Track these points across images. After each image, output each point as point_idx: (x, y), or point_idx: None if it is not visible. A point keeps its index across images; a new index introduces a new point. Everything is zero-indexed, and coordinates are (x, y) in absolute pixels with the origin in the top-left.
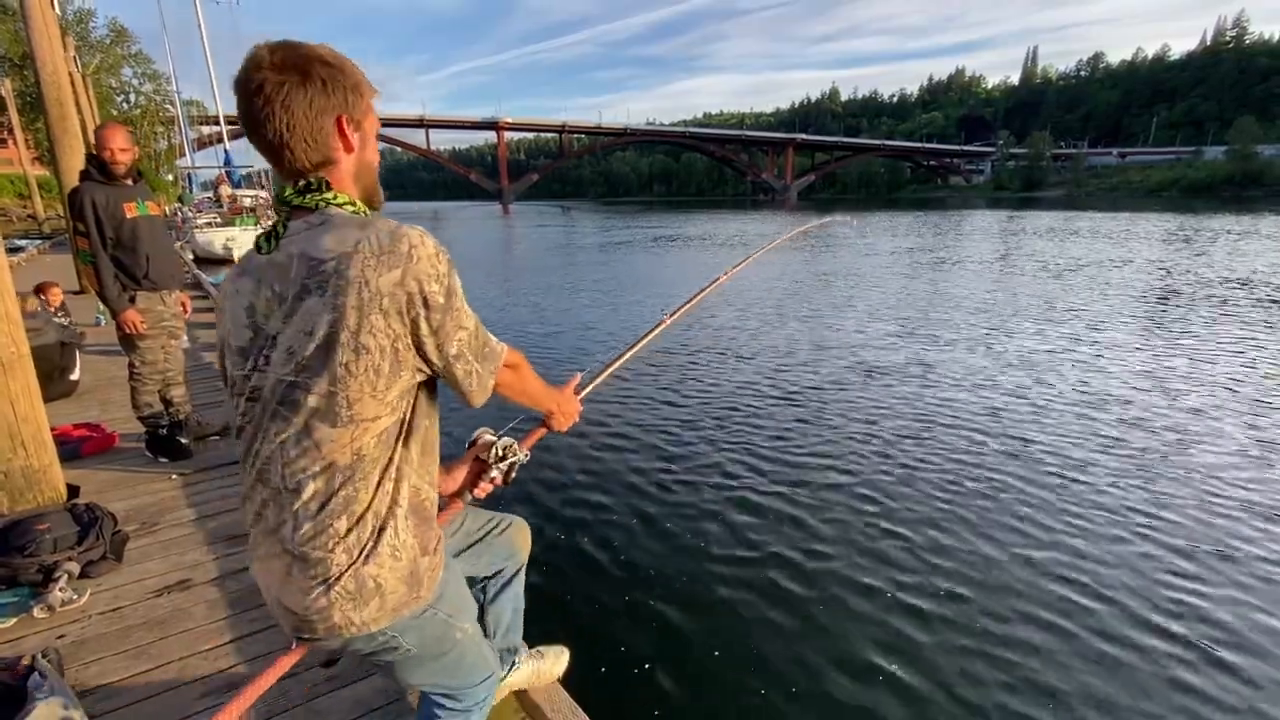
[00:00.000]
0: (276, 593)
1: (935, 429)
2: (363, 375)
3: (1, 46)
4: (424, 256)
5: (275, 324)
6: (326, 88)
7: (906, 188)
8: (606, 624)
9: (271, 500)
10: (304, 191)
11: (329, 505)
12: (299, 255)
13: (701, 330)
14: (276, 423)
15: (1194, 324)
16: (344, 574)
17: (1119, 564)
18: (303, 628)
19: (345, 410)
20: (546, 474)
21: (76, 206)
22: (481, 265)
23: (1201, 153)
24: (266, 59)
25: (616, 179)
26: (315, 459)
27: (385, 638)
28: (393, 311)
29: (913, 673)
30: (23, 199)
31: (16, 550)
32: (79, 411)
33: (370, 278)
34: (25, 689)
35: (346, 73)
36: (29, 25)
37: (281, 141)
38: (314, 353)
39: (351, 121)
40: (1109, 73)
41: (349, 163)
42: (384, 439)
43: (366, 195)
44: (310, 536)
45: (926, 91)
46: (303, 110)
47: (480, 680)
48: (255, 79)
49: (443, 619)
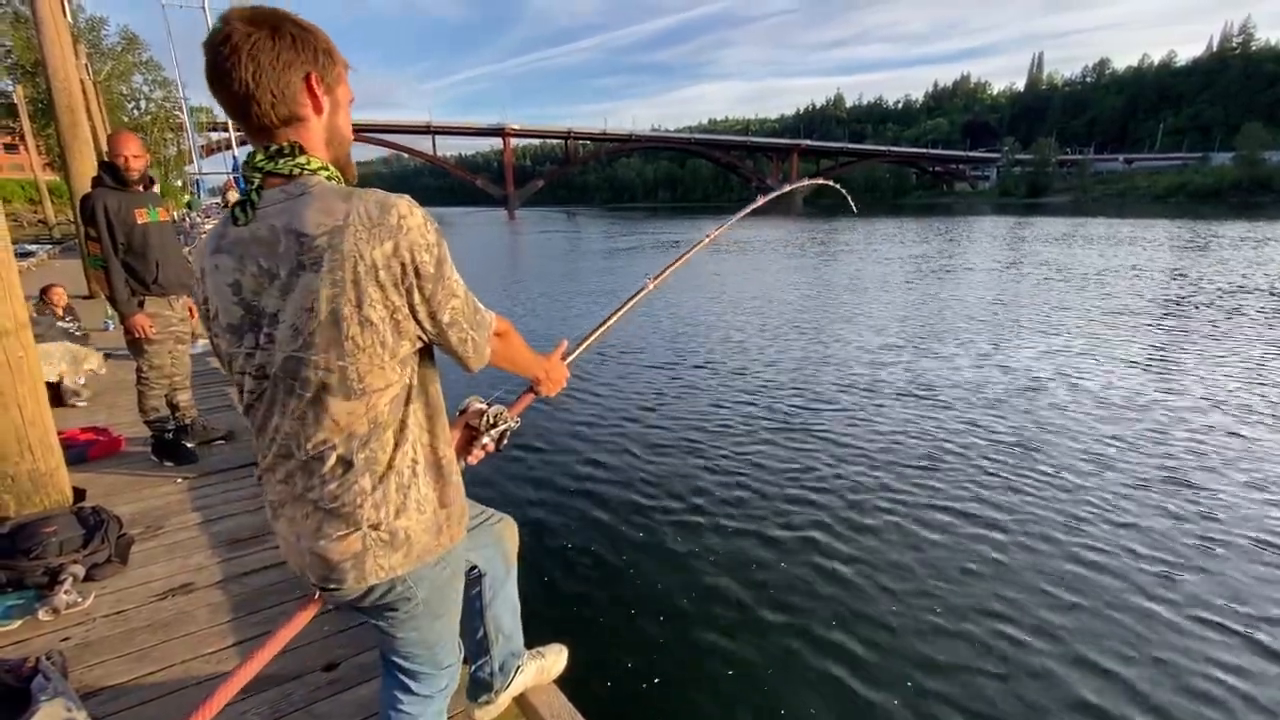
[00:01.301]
0: (308, 543)
1: (943, 431)
2: (369, 348)
3: (14, 54)
4: (414, 226)
5: (272, 301)
6: (296, 43)
7: (912, 194)
8: (601, 623)
9: (299, 470)
10: (276, 156)
11: (353, 468)
12: (285, 230)
13: (703, 331)
14: (291, 399)
15: (1217, 333)
16: (378, 526)
17: (1127, 579)
18: (331, 577)
19: (357, 383)
20: (538, 470)
21: (89, 212)
22: (487, 269)
23: (1208, 159)
24: (237, 14)
25: (622, 185)
26: (334, 430)
27: (404, 587)
28: (389, 283)
29: (914, 675)
30: (33, 204)
31: (23, 553)
32: (86, 415)
33: (364, 251)
34: (30, 691)
35: (318, 36)
36: (41, 33)
37: (247, 92)
38: (319, 329)
39: (322, 82)
40: (1115, 79)
41: (319, 126)
42: (395, 403)
43: (339, 164)
44: (338, 495)
45: (931, 98)
46: (269, 60)
47: (447, 664)
48: (224, 30)
49: (449, 575)
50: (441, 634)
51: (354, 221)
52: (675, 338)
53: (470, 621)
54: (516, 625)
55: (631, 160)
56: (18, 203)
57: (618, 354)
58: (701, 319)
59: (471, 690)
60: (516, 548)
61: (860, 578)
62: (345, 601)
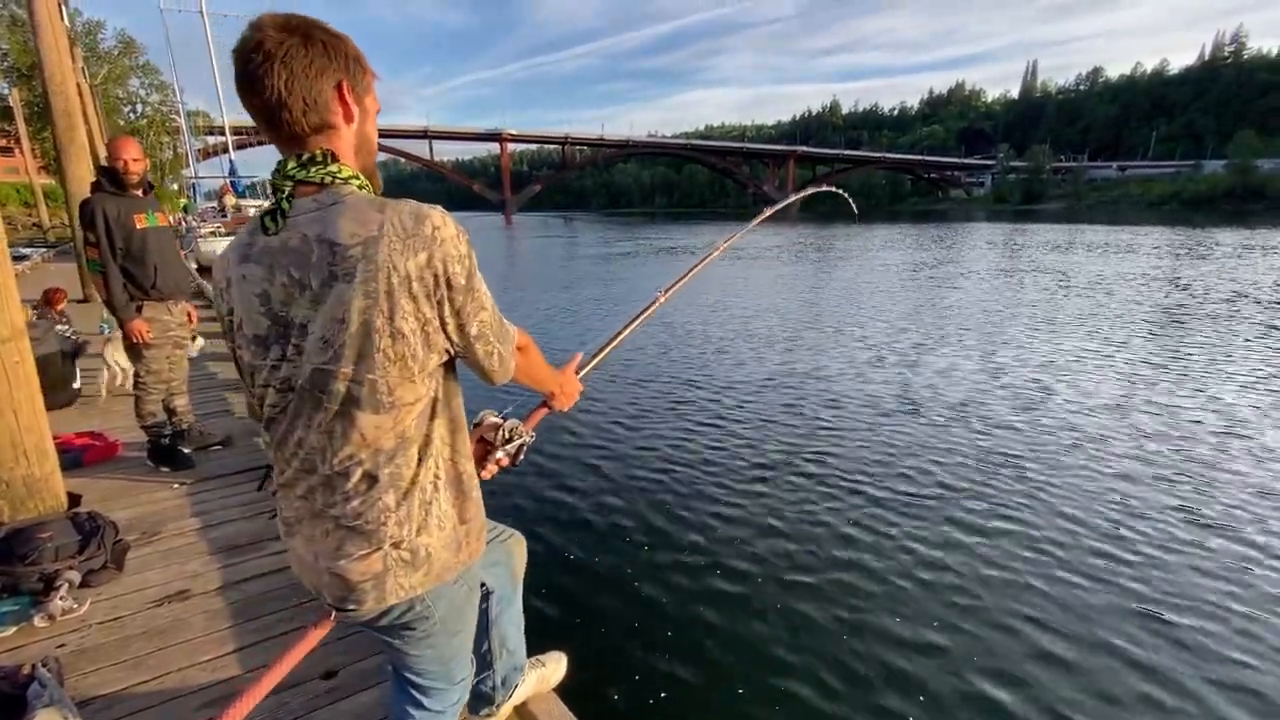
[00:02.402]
0: (327, 563)
1: (953, 434)
2: (400, 361)
3: (10, 57)
4: (447, 238)
5: (301, 311)
6: (328, 50)
7: (908, 200)
8: (601, 631)
9: (321, 485)
10: (308, 164)
11: (378, 484)
12: (318, 239)
13: (705, 339)
14: (318, 413)
15: (1218, 341)
16: (399, 544)
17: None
18: (349, 598)
19: (386, 396)
20: (539, 478)
21: (87, 216)
22: (487, 276)
23: (1201, 166)
24: (269, 21)
25: (619, 190)
26: (361, 446)
27: (422, 606)
28: (421, 295)
29: (920, 681)
30: (28, 207)
31: (18, 559)
32: (82, 420)
33: (398, 262)
34: (25, 698)
35: (348, 44)
36: (38, 37)
37: (279, 100)
38: (350, 340)
39: (352, 90)
40: (1108, 87)
41: (349, 134)
42: (421, 418)
43: (367, 173)
44: (361, 512)
45: (927, 105)
46: (302, 67)
47: (460, 679)
48: (256, 37)
49: (465, 593)
50: (457, 650)
51: (388, 232)
52: (676, 346)
53: (475, 636)
54: (520, 640)
55: (628, 165)
56: (12, 206)
57: (620, 364)
58: (704, 327)
59: (473, 704)
60: (524, 565)
61: (863, 591)
62: (360, 622)
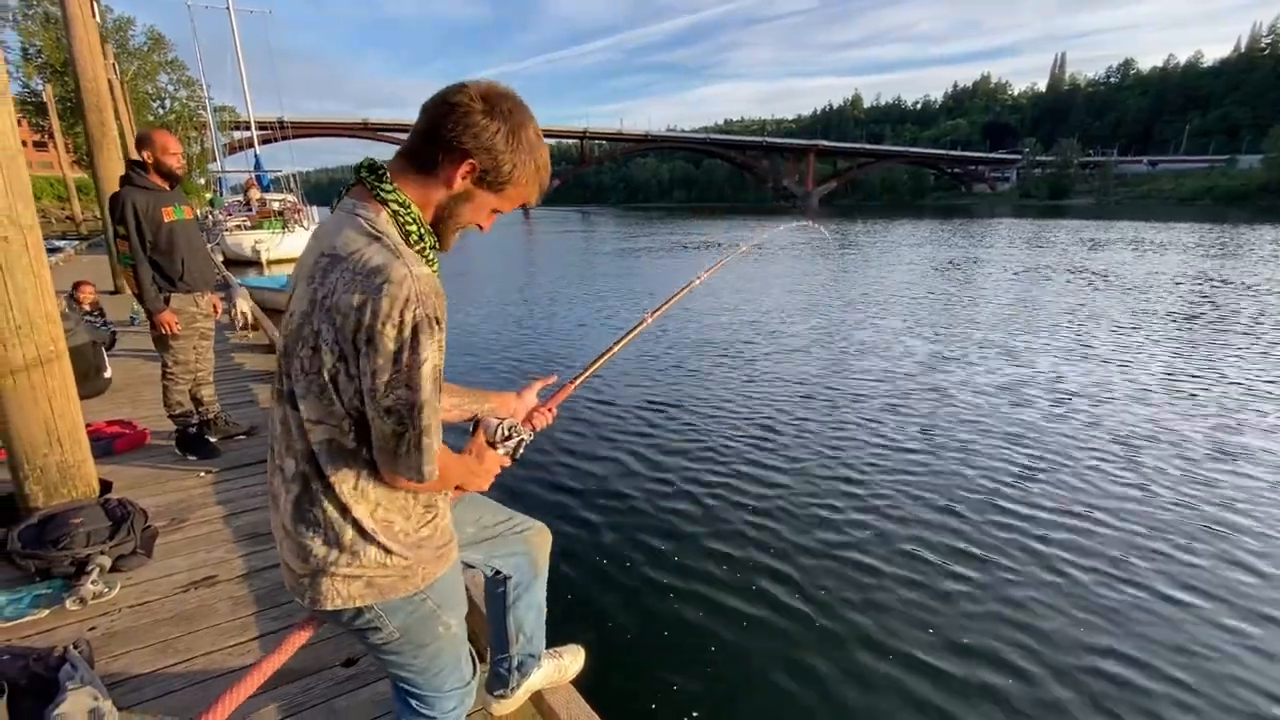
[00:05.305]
0: (281, 553)
1: (961, 436)
2: (312, 375)
3: (44, 53)
4: (394, 296)
5: (299, 289)
6: (483, 136)
7: (930, 195)
8: (620, 625)
9: (275, 473)
10: (373, 170)
11: (310, 490)
12: (321, 235)
13: (728, 334)
14: (281, 400)
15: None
16: (327, 555)
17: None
18: (295, 588)
19: (301, 400)
20: (561, 474)
21: (118, 211)
22: (499, 271)
23: (1236, 161)
24: (478, 88)
25: (637, 185)
26: (296, 440)
27: (371, 615)
28: (344, 331)
29: (936, 680)
30: (61, 201)
31: (51, 543)
32: (112, 409)
33: (339, 290)
34: (57, 679)
35: (518, 154)
36: (70, 33)
37: (430, 127)
38: (293, 333)
39: (473, 174)
40: (1140, 79)
41: (436, 193)
42: (352, 437)
43: (428, 223)
44: (292, 513)
45: (951, 98)
46: (462, 128)
47: (450, 689)
48: (460, 95)
49: (431, 608)
50: (433, 661)
51: (351, 260)
52: (700, 340)
53: (494, 618)
54: (539, 628)
55: (647, 160)
56: (46, 199)
57: (642, 356)
58: (727, 321)
59: (490, 683)
60: (548, 555)
61: (887, 584)
62: (324, 617)
